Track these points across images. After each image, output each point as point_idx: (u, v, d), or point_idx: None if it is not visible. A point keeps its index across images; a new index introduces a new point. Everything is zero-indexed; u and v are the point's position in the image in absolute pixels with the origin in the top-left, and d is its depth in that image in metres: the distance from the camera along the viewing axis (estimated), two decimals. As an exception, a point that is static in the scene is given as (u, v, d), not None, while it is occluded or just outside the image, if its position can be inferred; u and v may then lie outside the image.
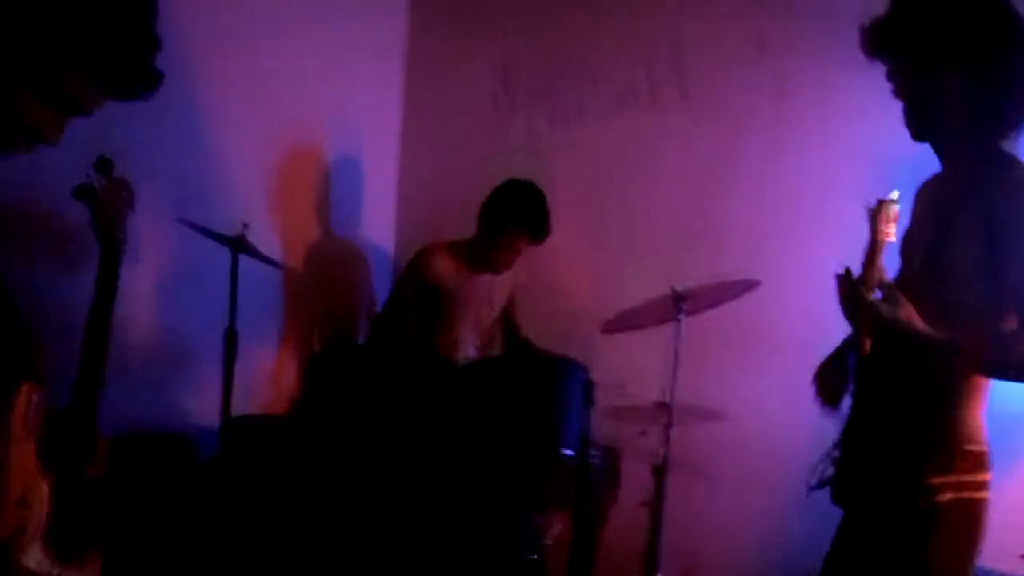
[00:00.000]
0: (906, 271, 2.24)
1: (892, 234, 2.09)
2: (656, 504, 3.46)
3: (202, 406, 3.54)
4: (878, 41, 2.17)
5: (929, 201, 2.27)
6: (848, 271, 2.13)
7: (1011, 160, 2.11)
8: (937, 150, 2.22)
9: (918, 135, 2.19)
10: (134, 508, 3.07)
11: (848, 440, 2.28)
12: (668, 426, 3.41)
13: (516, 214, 3.77)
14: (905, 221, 2.32)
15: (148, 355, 3.44)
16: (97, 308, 2.06)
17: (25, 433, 1.75)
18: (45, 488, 1.82)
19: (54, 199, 2.69)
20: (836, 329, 2.37)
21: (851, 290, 2.10)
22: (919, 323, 2.04)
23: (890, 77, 2.18)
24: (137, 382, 3.37)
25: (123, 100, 1.76)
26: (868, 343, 2.18)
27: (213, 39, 3.53)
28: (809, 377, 2.45)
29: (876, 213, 2.06)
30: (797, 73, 3.77)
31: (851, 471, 2.25)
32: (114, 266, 2.09)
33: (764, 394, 3.89)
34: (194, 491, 3.32)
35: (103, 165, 2.07)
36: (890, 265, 2.21)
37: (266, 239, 3.77)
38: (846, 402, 2.33)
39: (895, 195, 2.06)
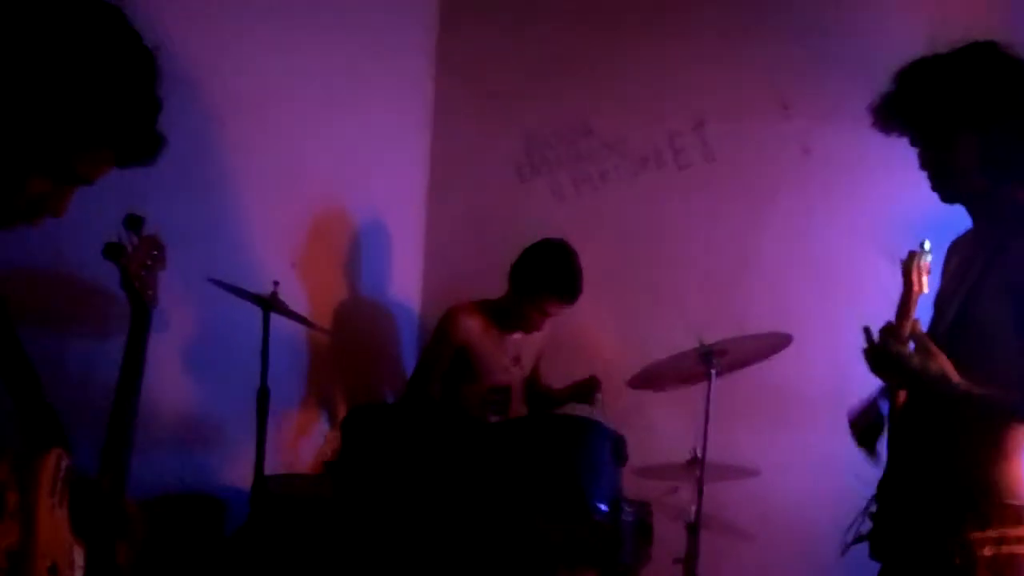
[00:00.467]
0: (939, 325, 2.23)
1: (925, 285, 2.09)
2: (690, 562, 3.41)
3: (233, 466, 3.55)
4: (888, 118, 2.22)
5: (961, 256, 2.27)
6: (869, 329, 2.12)
7: None
8: (969, 209, 2.24)
9: (946, 199, 2.21)
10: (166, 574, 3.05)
11: (885, 492, 2.26)
12: (700, 482, 3.37)
13: (550, 278, 3.74)
14: (938, 276, 2.33)
15: (179, 417, 3.46)
16: (127, 369, 2.02)
17: (55, 500, 1.73)
18: (79, 555, 1.80)
19: (80, 263, 2.72)
20: (867, 386, 2.37)
21: (879, 342, 2.09)
22: (953, 374, 2.02)
23: (913, 144, 2.21)
24: (168, 444, 3.39)
25: (124, 167, 1.74)
26: (902, 394, 2.17)
27: (244, 104, 3.59)
28: (840, 435, 2.43)
29: (908, 264, 2.07)
30: (823, 133, 3.80)
31: (888, 524, 2.23)
32: (145, 326, 2.06)
33: (796, 451, 3.87)
34: (228, 555, 3.31)
35: (133, 222, 2.04)
36: (925, 319, 2.21)
37: (294, 299, 3.80)
38: (883, 450, 2.32)
39: (927, 246, 2.07)
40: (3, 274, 2.44)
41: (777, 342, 3.35)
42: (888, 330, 2.10)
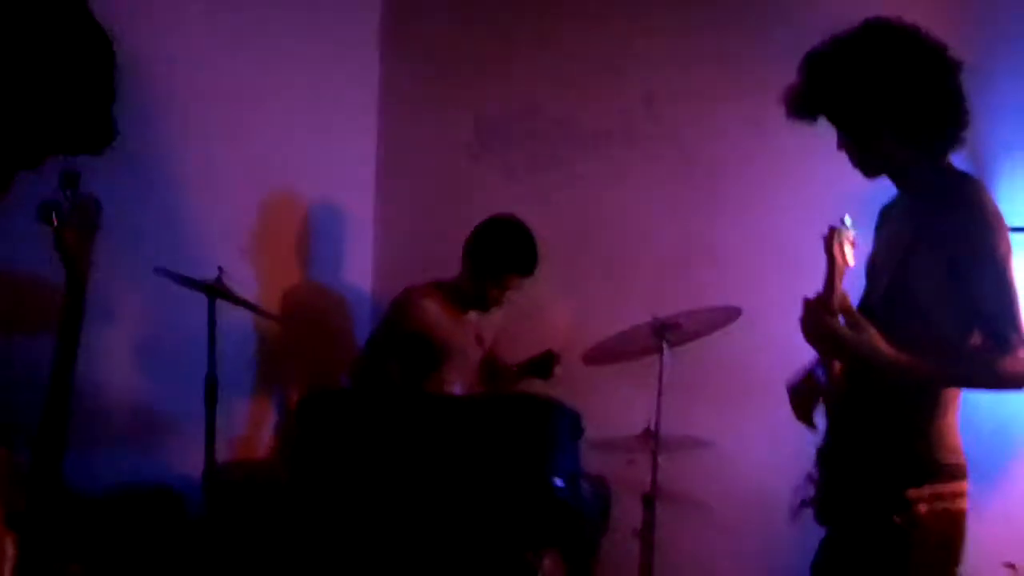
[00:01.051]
0: (872, 294, 2.27)
1: (850, 259, 2.11)
2: (647, 533, 3.45)
3: (186, 456, 3.52)
4: (800, 109, 2.26)
5: (891, 226, 2.32)
6: (810, 299, 2.15)
7: (958, 179, 2.17)
8: (894, 181, 2.28)
9: (869, 175, 2.26)
10: (121, 566, 3.03)
11: (824, 457, 2.30)
12: (655, 454, 3.41)
13: (507, 255, 3.73)
14: (869, 246, 2.37)
15: (129, 408, 3.43)
16: (63, 343, 1.94)
17: None
18: (10, 545, 1.77)
19: (23, 259, 2.67)
20: (813, 357, 2.40)
21: (813, 316, 2.12)
22: (883, 345, 2.06)
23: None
24: (120, 435, 3.36)
25: (73, 155, 1.70)
26: (837, 365, 2.20)
27: (187, 88, 3.55)
28: (787, 403, 2.47)
29: (830, 240, 2.09)
30: (772, 109, 3.80)
31: (830, 489, 2.27)
32: (81, 294, 1.98)
33: (750, 422, 3.90)
34: (182, 545, 3.28)
35: (69, 179, 1.95)
36: (856, 289, 2.24)
37: (244, 286, 3.77)
38: (819, 419, 2.35)
39: (848, 221, 2.10)
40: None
41: (727, 315, 3.39)
42: (817, 303, 2.13)
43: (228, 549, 3.31)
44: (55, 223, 1.94)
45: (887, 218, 2.37)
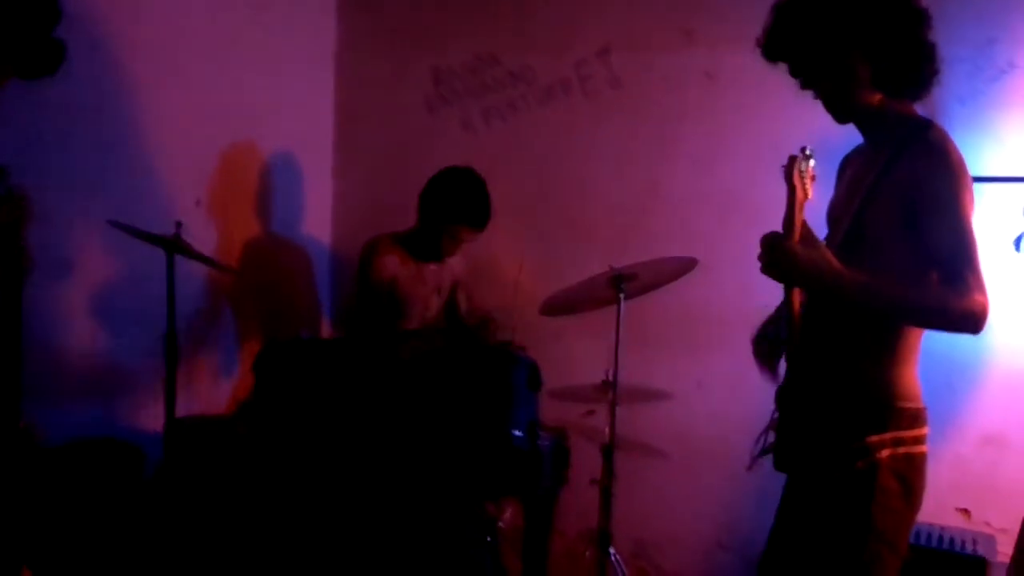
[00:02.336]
0: (834, 237, 2.29)
1: (810, 191, 2.11)
2: (606, 483, 3.49)
3: (146, 410, 3.51)
4: (776, 50, 2.26)
5: (853, 171, 2.34)
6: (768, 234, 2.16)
7: (922, 125, 2.19)
8: (860, 127, 2.30)
9: (841, 119, 2.26)
10: (78, 518, 3.03)
11: (784, 403, 2.31)
12: (613, 404, 3.44)
13: (459, 205, 3.74)
14: (831, 190, 2.39)
15: (88, 362, 3.40)
16: (3, 326, 1.95)
17: None
18: None
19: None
20: (768, 306, 2.44)
21: (770, 243, 2.11)
22: (836, 262, 2.06)
23: (794, 74, 2.26)
24: (78, 390, 3.34)
25: (28, 79, 1.67)
26: (797, 303, 2.21)
27: (143, 42, 3.50)
28: (748, 355, 2.49)
29: (789, 169, 2.08)
30: (726, 62, 3.83)
31: (789, 435, 2.28)
32: (18, 280, 1.98)
33: (707, 372, 3.96)
34: (143, 498, 3.29)
35: None
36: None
37: (203, 240, 3.74)
38: (781, 368, 2.38)
39: (808, 150, 2.09)
40: None
41: (684, 265, 3.41)
42: (776, 234, 2.13)
43: (187, 502, 3.31)
44: None
45: (847, 165, 2.39)
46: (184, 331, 3.29)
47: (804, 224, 2.12)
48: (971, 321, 2.01)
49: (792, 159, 2.05)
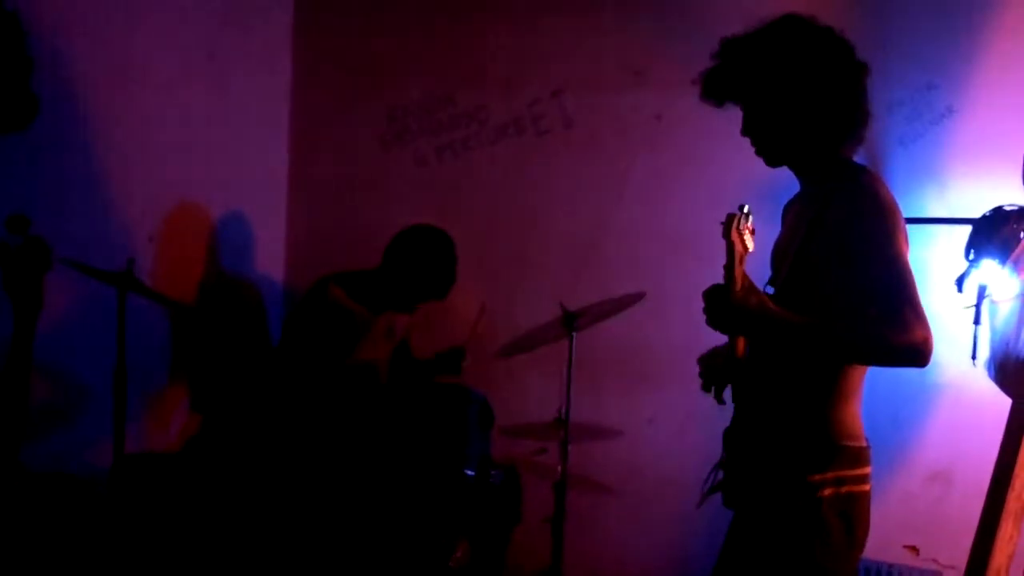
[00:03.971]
0: (776, 278, 2.35)
1: (750, 244, 2.16)
2: (557, 520, 3.50)
3: (97, 446, 3.47)
4: (712, 91, 2.31)
5: (793, 213, 2.39)
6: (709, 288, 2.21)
7: (855, 171, 2.24)
8: (795, 171, 2.35)
9: (771, 162, 2.33)
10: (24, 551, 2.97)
11: (730, 441, 2.34)
12: (565, 442, 3.46)
13: (427, 282, 3.70)
14: (775, 233, 2.45)
15: (37, 397, 3.35)
16: (12, 368, 2.00)
17: None
18: None
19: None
20: (719, 342, 2.46)
21: (713, 299, 2.13)
22: (775, 311, 2.09)
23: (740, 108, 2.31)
24: (30, 424, 3.28)
25: (3, 133, 1.70)
26: (741, 344, 2.24)
27: (94, 77, 3.49)
28: (698, 391, 2.51)
29: (727, 226, 2.12)
30: (675, 104, 3.91)
31: (735, 472, 2.31)
32: (30, 327, 2.02)
33: (658, 408, 3.99)
34: (86, 530, 3.23)
35: (16, 223, 1.99)
36: (760, 278, 2.31)
37: (156, 276, 3.72)
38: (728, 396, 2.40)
39: (746, 208, 2.13)
40: None
41: (631, 300, 3.46)
42: (717, 288, 2.16)
43: (132, 538, 3.27)
44: (3, 264, 1.98)
45: (789, 208, 2.45)
46: (134, 367, 3.25)
47: (744, 276, 2.16)
48: (913, 354, 2.03)
49: (730, 217, 2.08)
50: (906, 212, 2.21)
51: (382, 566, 3.35)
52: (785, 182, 2.43)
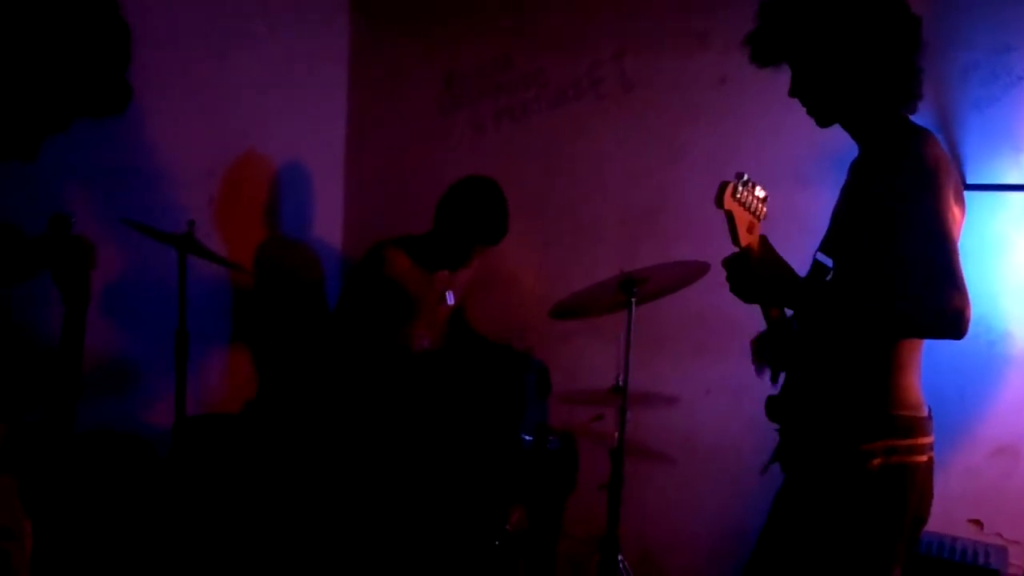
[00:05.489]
0: (826, 241, 2.31)
1: (754, 212, 2.13)
2: (614, 488, 3.48)
3: (156, 408, 3.52)
4: (759, 53, 2.28)
5: (849, 176, 2.34)
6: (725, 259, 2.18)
7: (905, 131, 2.18)
8: (847, 130, 2.30)
9: (822, 121, 2.29)
10: (85, 508, 3.04)
11: (776, 411, 2.30)
12: (623, 409, 3.44)
13: (477, 222, 3.69)
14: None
15: (99, 359, 3.41)
16: (65, 358, 2.03)
17: (2, 471, 1.74)
18: (27, 527, 1.81)
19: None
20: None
21: (728, 263, 2.17)
22: (792, 280, 2.10)
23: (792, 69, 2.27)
24: (91, 385, 3.34)
25: (97, 117, 1.74)
26: (776, 313, 2.21)
27: (154, 40, 3.50)
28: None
29: (719, 196, 2.10)
30: (738, 64, 3.80)
31: (788, 438, 2.29)
32: (80, 319, 2.06)
33: (715, 377, 3.95)
34: (147, 490, 3.29)
35: (59, 223, 2.03)
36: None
37: (214, 239, 3.75)
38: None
39: (744, 176, 2.11)
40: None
41: (695, 270, 3.40)
42: (730, 258, 2.16)
43: (192, 499, 3.32)
44: (48, 261, 2.03)
45: (850, 170, 2.39)
46: (195, 329, 3.29)
47: (764, 241, 2.13)
48: (946, 323, 1.97)
49: (722, 185, 2.07)
50: (980, 178, 2.16)
51: (439, 530, 3.36)
52: (854, 147, 2.37)
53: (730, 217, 2.07)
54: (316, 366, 3.59)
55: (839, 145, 2.40)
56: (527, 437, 3.36)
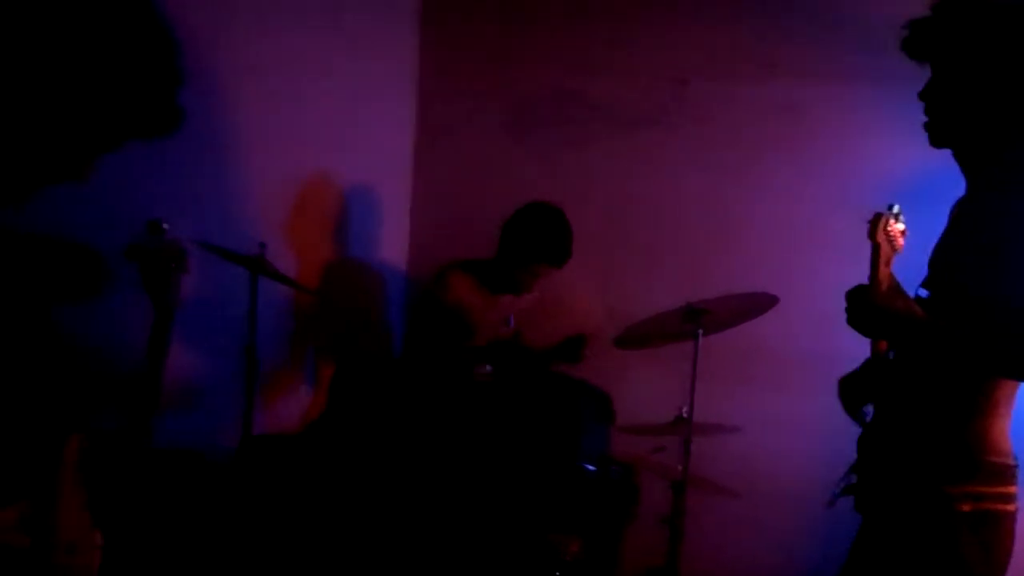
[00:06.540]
0: (928, 282, 2.25)
1: (894, 246, 2.08)
2: (675, 520, 3.45)
3: (219, 427, 3.56)
4: (913, 42, 2.13)
5: (955, 212, 2.26)
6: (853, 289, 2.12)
7: (1019, 165, 2.09)
8: (959, 155, 2.18)
9: (937, 139, 2.16)
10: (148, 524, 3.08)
11: (867, 446, 2.26)
12: (687, 441, 3.40)
13: (538, 244, 3.74)
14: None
15: (171, 376, 3.46)
16: (150, 365, 2.06)
17: (75, 483, 1.77)
18: (97, 538, 1.84)
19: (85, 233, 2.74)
20: (848, 348, 2.39)
21: (857, 300, 2.07)
22: (919, 315, 2.01)
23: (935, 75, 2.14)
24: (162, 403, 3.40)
25: (147, 139, 1.76)
26: (883, 348, 2.17)
27: (230, 66, 3.57)
28: (821, 395, 2.45)
29: (873, 226, 2.06)
30: (809, 93, 3.80)
31: (870, 477, 2.23)
32: (167, 326, 2.08)
33: (780, 410, 3.90)
34: (208, 505, 3.33)
35: (154, 228, 2.06)
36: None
37: (282, 261, 3.80)
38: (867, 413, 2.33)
39: (895, 208, 2.06)
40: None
41: (763, 302, 3.36)
42: (862, 289, 2.09)
43: (255, 519, 3.34)
44: (141, 265, 2.06)
45: (955, 208, 2.28)
46: (263, 350, 3.33)
47: (891, 277, 2.08)
48: None
49: (877, 216, 2.02)
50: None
51: (497, 559, 3.35)
52: (931, 179, 2.33)
53: (876, 250, 2.04)
54: (379, 389, 3.61)
55: (911, 177, 2.37)
56: (590, 467, 3.34)
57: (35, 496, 1.71)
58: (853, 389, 2.37)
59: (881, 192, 3.53)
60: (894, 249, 2.07)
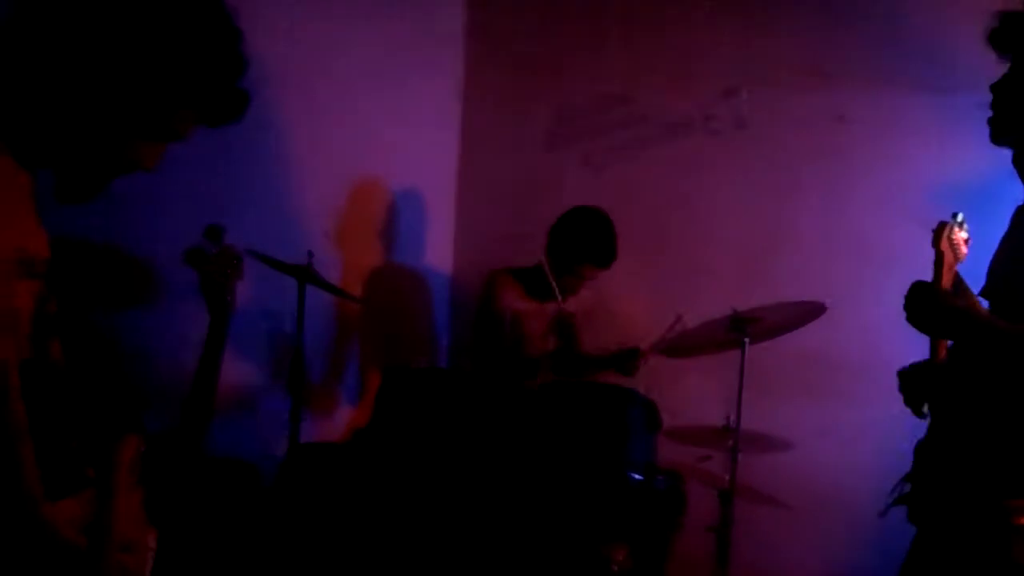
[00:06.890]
0: (987, 290, 2.21)
1: (961, 254, 2.07)
2: (723, 529, 3.42)
3: (265, 434, 3.59)
4: (1001, 35, 2.08)
5: (1016, 220, 2.21)
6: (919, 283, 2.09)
7: None
8: (1018, 159, 2.13)
9: (999, 134, 2.11)
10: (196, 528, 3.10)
11: (923, 454, 2.24)
12: (735, 450, 3.38)
13: (584, 245, 3.77)
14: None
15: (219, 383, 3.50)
16: (205, 369, 2.09)
17: (131, 483, 1.79)
18: (152, 539, 1.86)
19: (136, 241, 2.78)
20: (898, 355, 2.36)
21: (920, 296, 2.05)
22: (983, 316, 2.00)
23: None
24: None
25: (215, 126, 1.78)
26: (943, 350, 2.14)
27: (278, 75, 3.60)
28: (871, 406, 2.42)
29: (937, 234, 2.05)
30: (857, 101, 3.76)
31: (926, 488, 2.21)
32: (223, 329, 2.11)
33: (828, 420, 3.86)
34: (256, 514, 3.36)
35: (213, 233, 2.09)
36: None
37: (328, 269, 3.83)
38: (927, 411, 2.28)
39: (960, 217, 2.05)
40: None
41: (810, 311, 3.33)
42: (926, 286, 2.06)
43: (302, 527, 3.36)
44: (199, 270, 2.09)
45: (1018, 213, 2.24)
46: (310, 358, 3.35)
47: (956, 275, 2.06)
48: None
49: (941, 225, 2.02)
50: None
51: (544, 567, 3.34)
52: (976, 189, 2.30)
53: (940, 258, 2.03)
54: (426, 399, 3.62)
55: (963, 184, 2.34)
56: (637, 476, 3.33)
57: (96, 491, 1.73)
58: (912, 385, 2.32)
59: (930, 201, 3.51)
60: (957, 257, 2.06)
